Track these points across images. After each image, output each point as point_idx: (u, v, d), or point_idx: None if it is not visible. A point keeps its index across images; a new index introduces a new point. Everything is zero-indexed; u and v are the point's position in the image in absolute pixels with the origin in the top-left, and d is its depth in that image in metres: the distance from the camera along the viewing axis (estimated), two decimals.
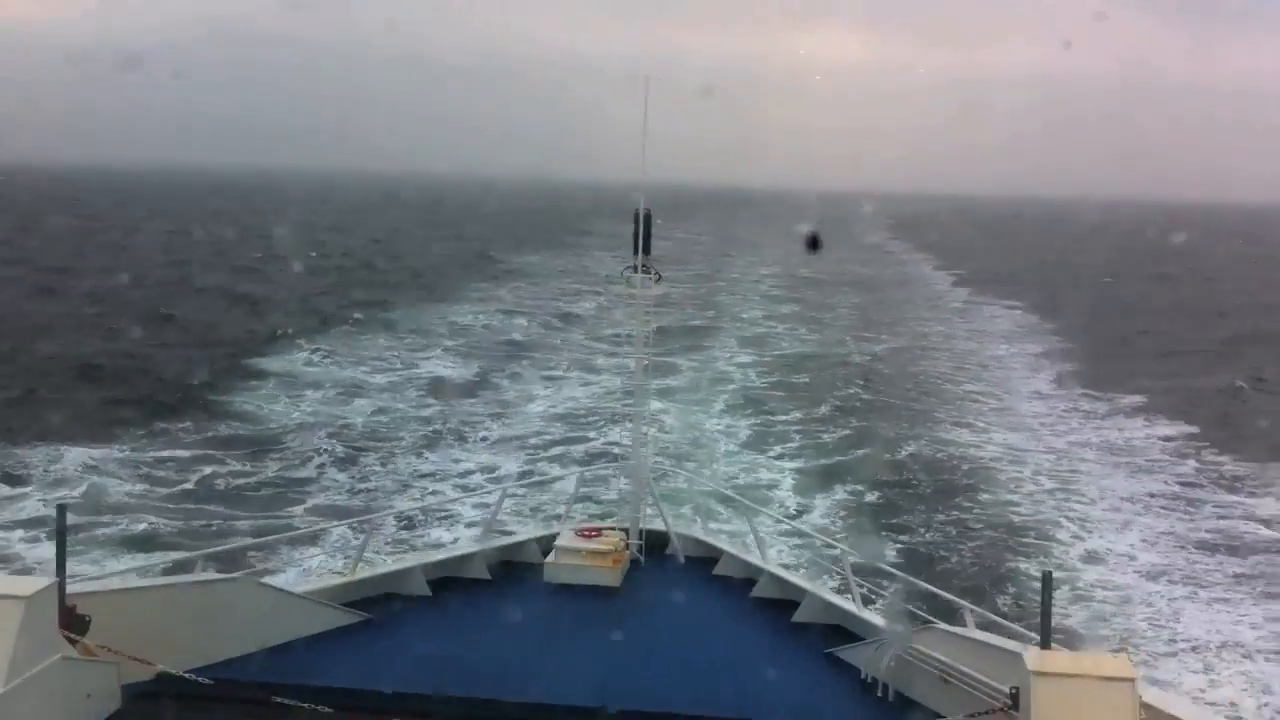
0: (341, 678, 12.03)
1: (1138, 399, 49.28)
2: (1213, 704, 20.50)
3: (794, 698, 12.37)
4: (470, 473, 36.19)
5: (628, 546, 16.15)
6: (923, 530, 31.72)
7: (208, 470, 35.30)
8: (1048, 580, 10.27)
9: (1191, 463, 39.22)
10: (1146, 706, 8.87)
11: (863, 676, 12.67)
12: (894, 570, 17.03)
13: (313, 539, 25.84)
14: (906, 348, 66.03)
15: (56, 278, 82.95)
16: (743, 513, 18.42)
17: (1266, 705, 21.62)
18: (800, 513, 31.69)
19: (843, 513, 32.69)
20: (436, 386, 49.71)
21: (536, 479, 32.59)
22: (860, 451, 40.02)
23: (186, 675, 11.23)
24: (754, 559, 15.94)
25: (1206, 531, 32.03)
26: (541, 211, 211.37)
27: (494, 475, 35.24)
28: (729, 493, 22.64)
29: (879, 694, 12.29)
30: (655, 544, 16.58)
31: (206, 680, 11.32)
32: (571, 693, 11.80)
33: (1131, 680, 8.81)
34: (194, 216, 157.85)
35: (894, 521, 32.10)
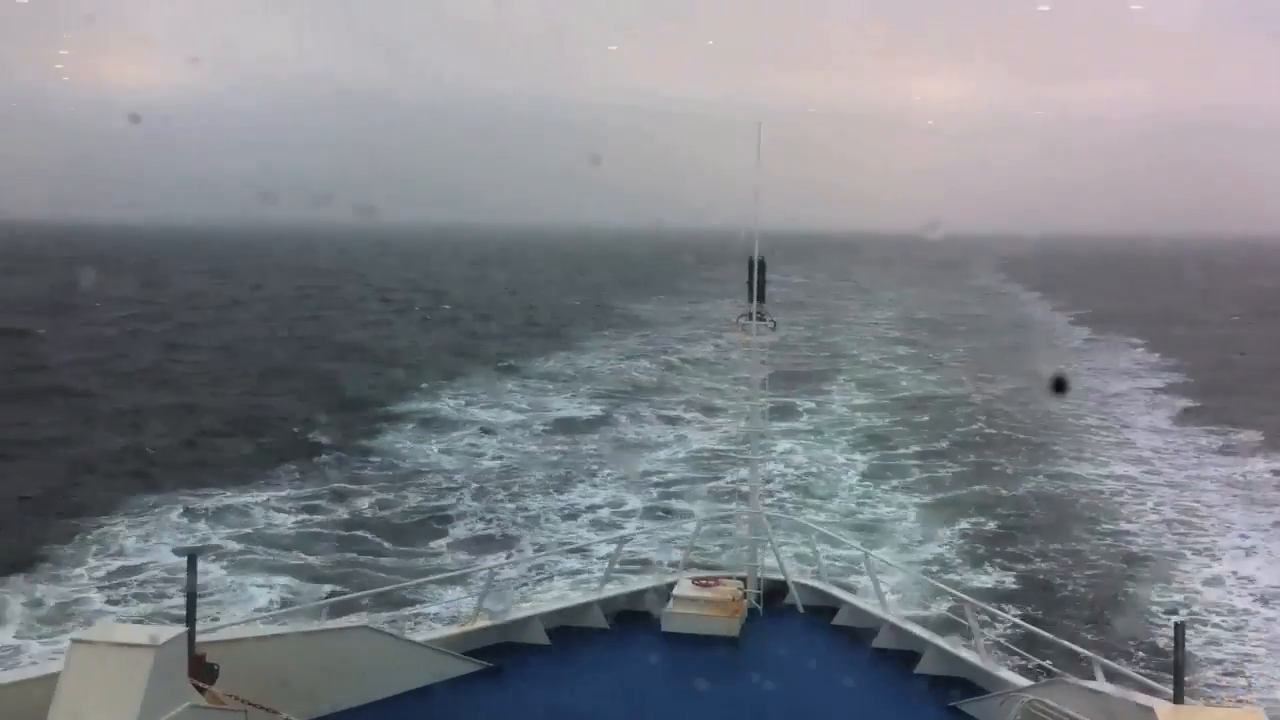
0: None
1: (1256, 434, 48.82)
2: None
3: None
4: (597, 508, 37.47)
5: (745, 596, 16.04)
6: (1047, 573, 31.24)
7: (342, 513, 36.74)
8: (1180, 632, 9.96)
9: None
10: None
11: None
12: (1020, 620, 16.65)
13: (435, 587, 26.12)
14: (1026, 386, 65.22)
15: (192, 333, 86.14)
16: (863, 561, 18.17)
17: None
18: (923, 561, 31.26)
19: (966, 559, 32.15)
20: (565, 427, 51.87)
21: (655, 527, 32.59)
22: (980, 487, 40.64)
23: None
24: (874, 609, 15.70)
25: None
26: (653, 260, 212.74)
27: (618, 515, 35.55)
28: (850, 540, 22.40)
29: None
30: (773, 593, 16.44)
31: None
32: None
33: None
34: (318, 271, 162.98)
35: (1018, 565, 31.72)
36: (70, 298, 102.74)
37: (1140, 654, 24.68)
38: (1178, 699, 9.50)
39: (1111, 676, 12.27)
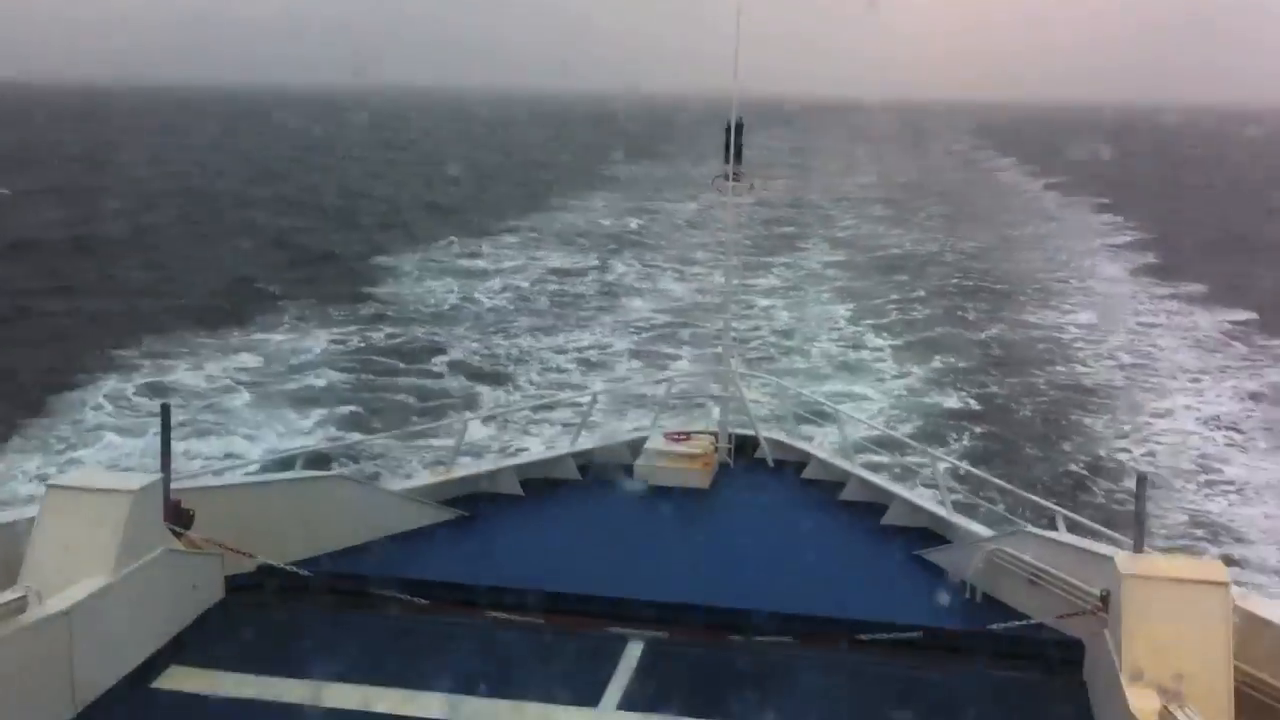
0: (436, 572, 12.30)
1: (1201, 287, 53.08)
2: None
3: (880, 597, 12.41)
4: (584, 349, 39.60)
5: (716, 450, 16.23)
6: (1010, 421, 32.64)
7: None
8: (1142, 483, 10.13)
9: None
10: (1240, 611, 8.76)
11: (951, 579, 12.67)
12: (984, 474, 16.95)
13: (408, 439, 26.35)
14: (997, 245, 69.63)
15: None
16: (832, 417, 18.41)
17: None
18: (891, 416, 31.80)
19: (933, 416, 32.77)
20: (555, 277, 54.75)
21: (628, 382, 32.86)
22: (950, 329, 44.83)
23: (287, 567, 11.58)
24: (842, 463, 15.94)
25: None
26: (634, 122, 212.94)
27: (605, 356, 36.14)
28: (818, 397, 22.62)
29: (966, 595, 12.29)
30: (744, 448, 16.65)
31: (306, 572, 11.66)
32: (658, 588, 11.95)
33: (1225, 585, 8.69)
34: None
35: (983, 415, 33.19)
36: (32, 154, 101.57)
37: (1101, 502, 25.46)
38: (1138, 548, 9.70)
39: (1072, 527, 12.56)
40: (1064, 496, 24.19)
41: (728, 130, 15.97)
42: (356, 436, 27.15)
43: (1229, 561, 21.28)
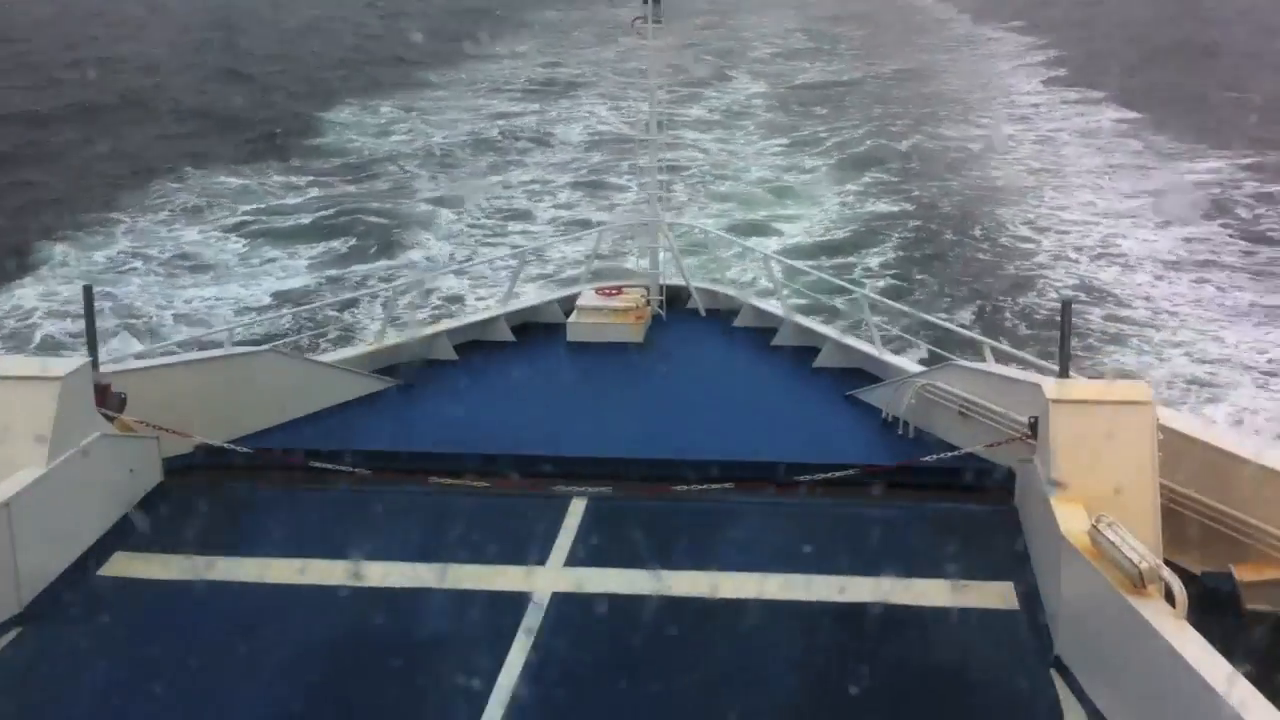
0: (375, 441, 12.32)
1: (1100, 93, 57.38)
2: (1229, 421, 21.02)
3: (816, 438, 12.62)
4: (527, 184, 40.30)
5: (648, 303, 16.25)
6: (936, 249, 33.28)
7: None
8: (1067, 308, 10.31)
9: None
10: (1164, 428, 9.01)
11: (883, 416, 12.91)
12: (912, 310, 17.13)
13: (339, 309, 26.07)
14: (916, 70, 71.28)
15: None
16: (763, 262, 18.41)
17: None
18: (818, 257, 31.93)
19: (861, 254, 32.99)
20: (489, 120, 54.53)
21: (556, 238, 32.62)
22: (878, 142, 47.41)
23: (225, 445, 11.54)
24: (774, 308, 16.02)
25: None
26: None
27: (523, 218, 36.43)
28: (748, 245, 22.59)
29: (899, 431, 12.55)
30: (676, 299, 16.68)
31: (245, 449, 11.63)
32: (598, 444, 12.08)
33: (1149, 404, 8.94)
34: None
35: (909, 243, 33.86)
36: None
37: (1029, 331, 25.93)
38: (1063, 374, 9.91)
39: (1000, 358, 12.78)
40: (991, 327, 24.60)
41: None
42: (284, 311, 26.73)
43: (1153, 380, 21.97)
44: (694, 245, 22.79)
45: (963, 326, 16.07)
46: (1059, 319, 10.37)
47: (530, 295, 18.44)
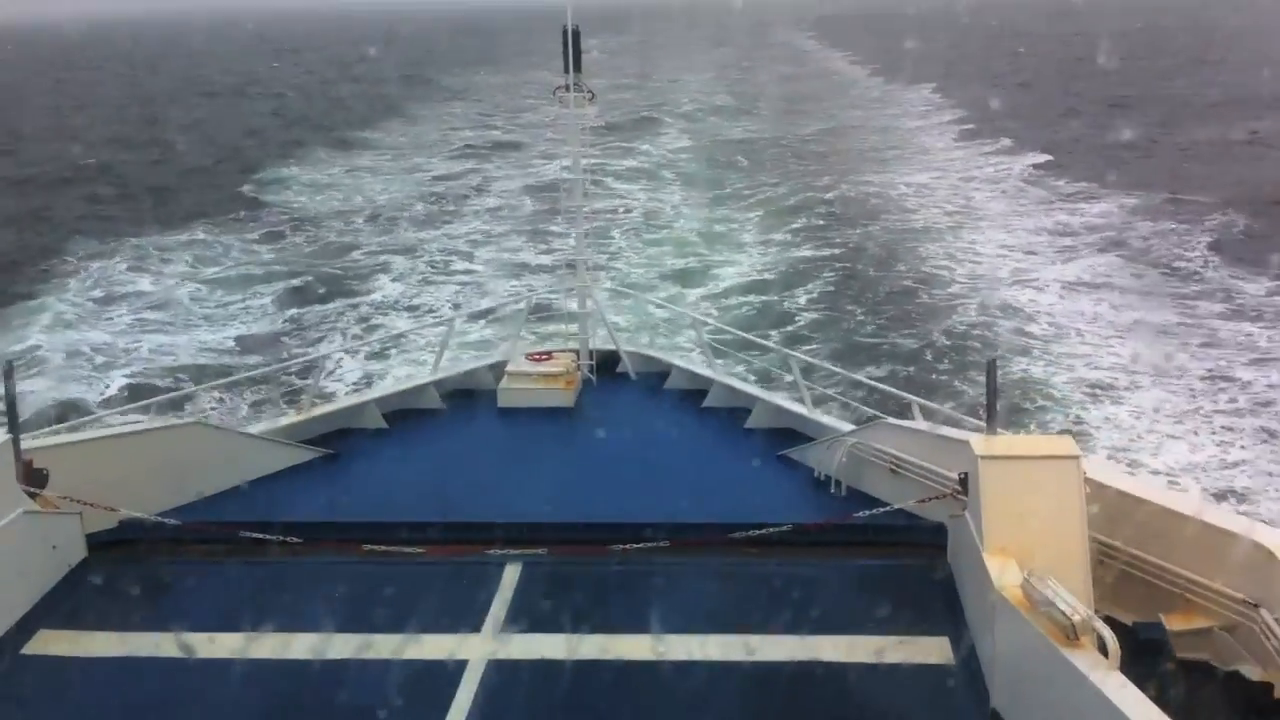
0: (304, 511, 12.16)
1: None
2: (1156, 472, 21.41)
3: (749, 499, 12.65)
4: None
5: (579, 367, 16.26)
6: (866, 309, 33.95)
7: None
8: (992, 368, 10.44)
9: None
10: (1090, 480, 9.12)
11: (815, 474, 12.97)
12: (841, 370, 17.29)
13: (263, 381, 25.78)
14: (834, 128, 77.95)
15: None
16: (691, 326, 18.53)
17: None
18: (749, 297, 32.31)
19: (792, 317, 33.35)
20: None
21: (486, 305, 32.60)
22: (806, 194, 51.14)
23: (151, 519, 11.31)
24: (704, 370, 16.09)
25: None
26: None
27: (449, 302, 36.04)
28: (677, 308, 22.76)
29: (832, 490, 12.61)
30: (606, 364, 16.69)
31: (171, 522, 11.41)
32: (531, 509, 12.00)
33: (1076, 458, 9.04)
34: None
35: (832, 289, 35.66)
36: None
37: (957, 387, 26.45)
38: (991, 430, 10.02)
39: (929, 415, 12.92)
40: (917, 379, 24.96)
41: (564, 37, 15.66)
42: (217, 382, 26.43)
43: (1077, 431, 22.42)
44: (624, 309, 22.89)
45: (891, 385, 16.17)
46: (985, 377, 10.50)
47: (460, 362, 18.36)
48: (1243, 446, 23.48)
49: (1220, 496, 20.92)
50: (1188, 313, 32.50)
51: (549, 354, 16.39)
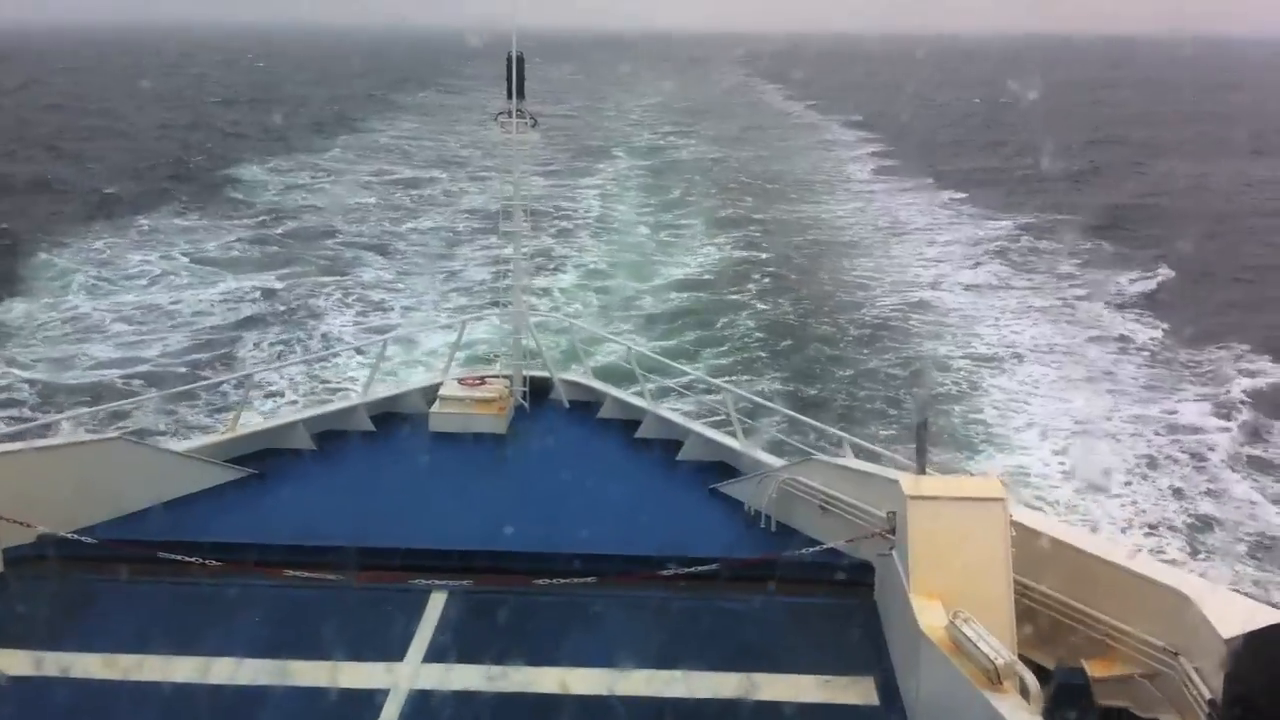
0: (227, 532, 11.95)
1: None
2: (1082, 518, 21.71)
3: (678, 532, 12.60)
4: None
5: (512, 394, 16.16)
6: (801, 339, 35.07)
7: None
8: (923, 406, 10.54)
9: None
10: (1016, 524, 9.20)
11: (746, 509, 12.96)
12: (775, 406, 17.30)
13: (188, 397, 25.37)
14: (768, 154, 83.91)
15: None
16: (626, 356, 18.48)
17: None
18: (683, 353, 32.33)
19: (722, 349, 33.52)
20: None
21: (419, 329, 32.39)
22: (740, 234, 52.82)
23: (69, 536, 11.06)
24: (638, 401, 16.06)
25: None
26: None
27: (381, 322, 35.74)
28: (612, 335, 22.71)
29: (762, 525, 12.60)
30: (539, 390, 16.61)
31: (90, 540, 11.16)
32: (459, 536, 11.89)
33: (1002, 500, 9.11)
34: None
35: (766, 296, 38.22)
36: None
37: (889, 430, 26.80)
38: (920, 470, 10.08)
39: (860, 453, 12.98)
40: (850, 420, 25.11)
41: (509, 64, 15.62)
42: (141, 395, 26.00)
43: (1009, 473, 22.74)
44: (559, 335, 22.80)
45: (823, 423, 16.24)
46: (915, 419, 10.58)
47: (392, 385, 18.19)
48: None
49: (1153, 530, 21.53)
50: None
51: (482, 379, 16.29)
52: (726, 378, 25.03)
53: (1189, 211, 58.51)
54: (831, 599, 10.70)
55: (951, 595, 8.50)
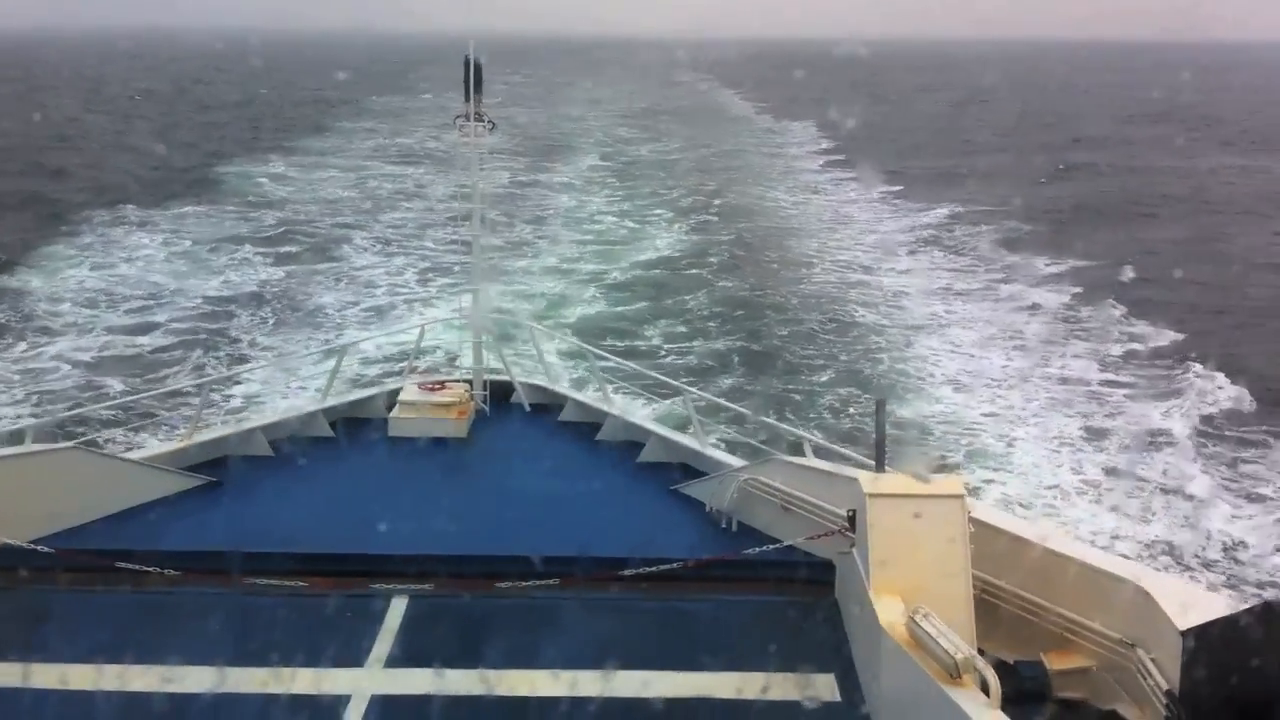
0: (184, 540, 11.85)
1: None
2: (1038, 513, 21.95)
3: (640, 533, 12.61)
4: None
5: (472, 398, 16.11)
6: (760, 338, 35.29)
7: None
8: (881, 406, 10.58)
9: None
10: (975, 521, 9.27)
11: (707, 509, 12.98)
12: (735, 406, 17.38)
13: (145, 404, 25.08)
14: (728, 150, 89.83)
15: None
16: (586, 358, 18.48)
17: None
18: (644, 355, 32.37)
19: (684, 350, 33.58)
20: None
21: (377, 334, 32.22)
22: (701, 220, 57.18)
23: (25, 546, 10.95)
24: (598, 403, 16.05)
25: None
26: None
27: (336, 332, 35.42)
28: (572, 338, 22.71)
29: (723, 525, 12.63)
30: (500, 394, 16.56)
31: (46, 549, 11.05)
32: (419, 541, 11.84)
33: (961, 497, 9.18)
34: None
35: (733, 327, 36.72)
36: None
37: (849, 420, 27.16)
38: (879, 468, 10.13)
39: (821, 453, 13.02)
40: (810, 418, 25.26)
41: (466, 67, 15.53)
42: (96, 406, 25.66)
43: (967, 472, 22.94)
44: (518, 338, 22.76)
45: (783, 422, 16.32)
46: (874, 415, 10.62)
47: (350, 390, 18.08)
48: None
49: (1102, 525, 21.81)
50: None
51: (442, 384, 16.22)
52: (686, 378, 25.07)
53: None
54: (792, 597, 10.74)
55: (911, 592, 8.56)
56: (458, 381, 16.33)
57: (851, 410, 28.05)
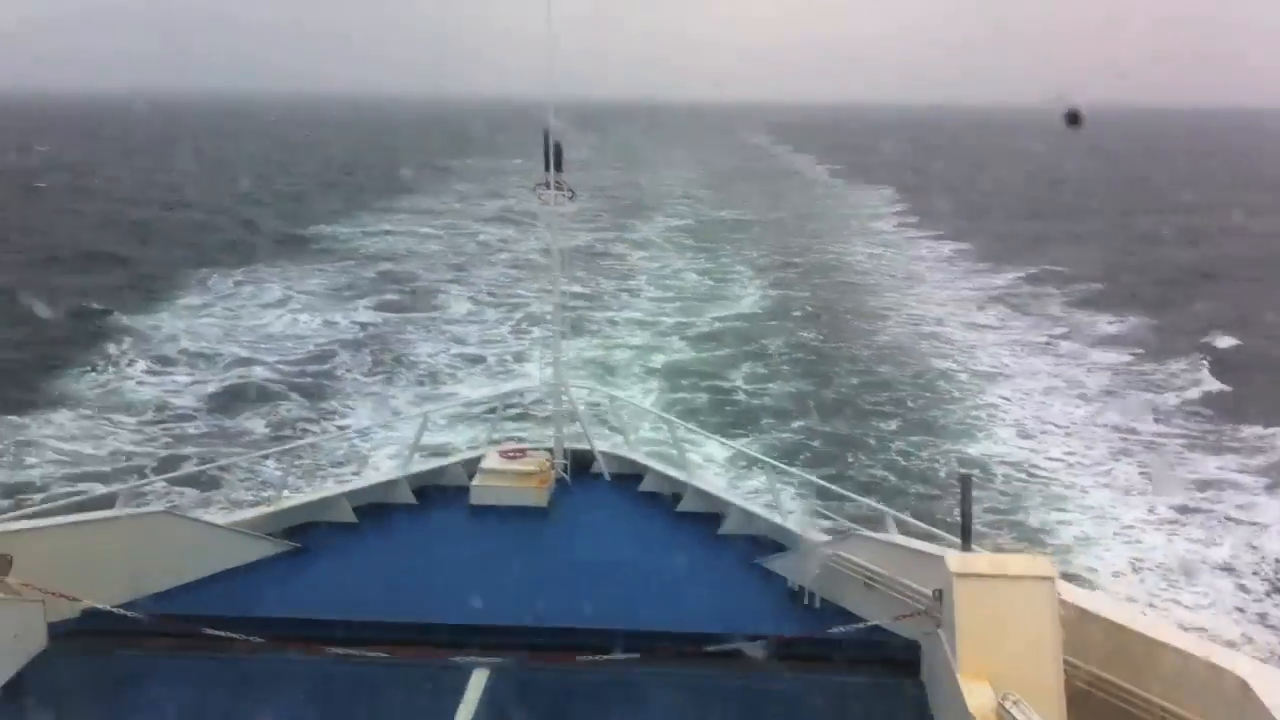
0: (271, 607, 11.95)
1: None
2: (1128, 598, 21.38)
3: (722, 607, 12.52)
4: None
5: (553, 466, 16.15)
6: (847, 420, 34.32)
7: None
8: (967, 483, 10.43)
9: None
10: (1066, 603, 9.08)
11: (789, 585, 12.85)
12: (817, 479, 17.22)
13: (231, 471, 25.49)
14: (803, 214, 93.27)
15: None
16: (667, 428, 18.45)
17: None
18: (727, 427, 32.30)
19: (770, 424, 33.39)
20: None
21: (460, 402, 32.47)
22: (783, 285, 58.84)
23: (114, 610, 11.10)
24: (679, 474, 16.01)
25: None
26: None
27: (420, 396, 35.84)
28: (652, 409, 22.73)
29: (805, 601, 12.49)
30: (580, 463, 16.59)
31: (135, 615, 11.20)
32: (501, 611, 11.84)
33: (1051, 579, 9.00)
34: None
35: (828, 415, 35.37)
36: None
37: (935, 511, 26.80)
38: (965, 547, 9.98)
39: (903, 528, 12.85)
40: (891, 495, 24.96)
41: (545, 136, 15.65)
42: (185, 470, 26.16)
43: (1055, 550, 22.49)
44: (600, 408, 22.82)
45: (865, 496, 16.12)
46: (960, 493, 10.47)
47: (433, 458, 18.21)
48: None
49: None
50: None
51: (523, 451, 16.30)
52: (767, 446, 24.95)
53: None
54: (877, 678, 10.55)
55: (1000, 676, 8.38)
56: (539, 449, 16.41)
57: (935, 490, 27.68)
